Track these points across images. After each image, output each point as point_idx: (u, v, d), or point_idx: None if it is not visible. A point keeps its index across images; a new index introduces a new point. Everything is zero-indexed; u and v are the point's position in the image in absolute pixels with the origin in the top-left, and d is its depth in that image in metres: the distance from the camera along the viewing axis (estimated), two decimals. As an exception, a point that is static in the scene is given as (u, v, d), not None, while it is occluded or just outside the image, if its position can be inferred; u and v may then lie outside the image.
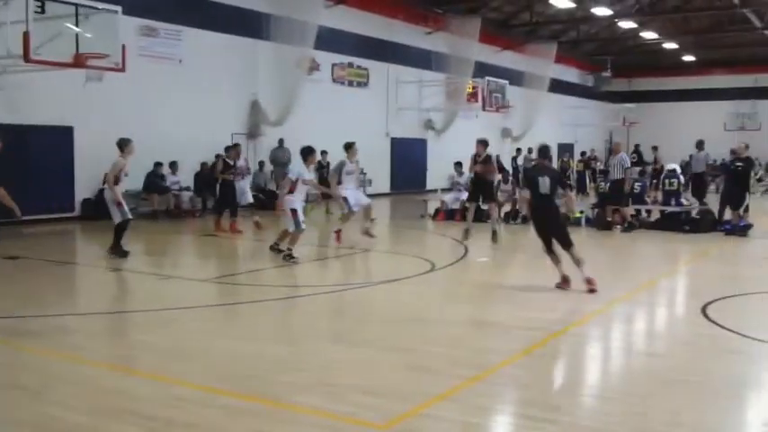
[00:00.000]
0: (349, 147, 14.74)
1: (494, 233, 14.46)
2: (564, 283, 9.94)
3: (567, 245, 9.92)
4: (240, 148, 17.00)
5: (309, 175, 12.80)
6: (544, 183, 9.93)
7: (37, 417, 5.22)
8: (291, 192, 12.40)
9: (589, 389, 6.28)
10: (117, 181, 12.35)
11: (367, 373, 6.31)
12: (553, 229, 10.06)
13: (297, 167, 12.70)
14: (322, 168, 21.16)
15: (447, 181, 20.93)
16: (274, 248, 12.84)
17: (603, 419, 5.34)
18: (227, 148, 16.64)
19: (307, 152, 12.77)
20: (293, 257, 12.16)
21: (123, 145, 12.54)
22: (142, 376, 6.20)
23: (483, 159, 14.83)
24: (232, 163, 16.03)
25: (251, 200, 16.92)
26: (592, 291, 9.60)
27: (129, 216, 12.55)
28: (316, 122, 24.02)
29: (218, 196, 16.18)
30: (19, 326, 8.02)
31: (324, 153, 21.09)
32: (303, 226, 12.44)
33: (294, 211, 12.29)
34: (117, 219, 12.38)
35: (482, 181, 14.85)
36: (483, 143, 15.21)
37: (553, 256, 10.06)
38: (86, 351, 7.01)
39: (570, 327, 8.22)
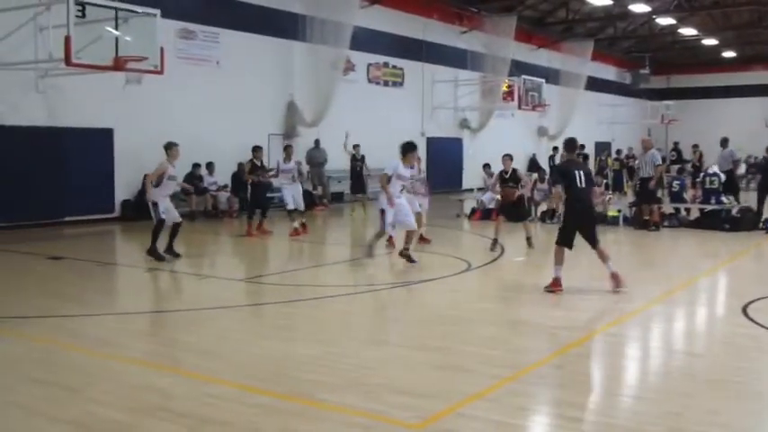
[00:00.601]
0: (406, 150, 12.22)
1: (528, 240, 14.23)
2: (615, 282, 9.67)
3: (596, 242, 9.76)
4: (261, 152, 16.53)
5: (407, 171, 12.11)
6: (580, 176, 9.73)
7: (77, 414, 5.31)
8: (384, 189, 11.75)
9: (626, 389, 6.21)
10: (158, 183, 12.23)
11: (402, 372, 6.32)
12: (588, 225, 9.85)
13: (394, 161, 12.02)
14: (356, 161, 21.17)
15: (482, 180, 20.86)
16: (404, 254, 11.93)
17: (640, 420, 5.27)
18: (254, 149, 16.36)
19: (407, 148, 12.10)
20: (411, 259, 11.76)
21: (167, 148, 12.48)
22: (178, 374, 6.28)
23: (510, 176, 14.53)
24: (259, 164, 16.04)
25: (301, 207, 16.21)
26: (617, 290, 9.47)
27: (163, 217, 12.28)
28: (351, 123, 24.04)
29: (249, 198, 16.09)
30: (61, 324, 8.17)
31: (356, 146, 21.08)
32: (389, 229, 12.09)
33: (383, 212, 11.96)
34: (154, 219, 12.36)
35: (508, 203, 14.53)
36: (509, 158, 14.73)
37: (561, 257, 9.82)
38: (124, 349, 7.11)
39: (607, 326, 8.14)
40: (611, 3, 30.64)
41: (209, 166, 19.86)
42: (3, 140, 15.93)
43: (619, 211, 18.22)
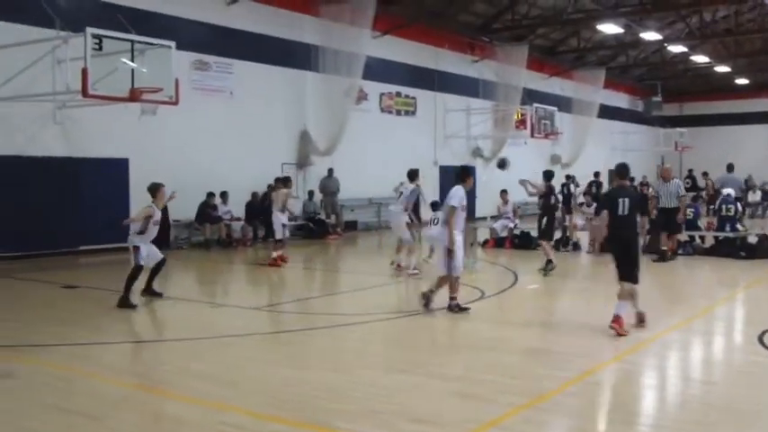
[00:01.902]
0: (467, 174, 11.02)
1: (548, 262, 14.20)
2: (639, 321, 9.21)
3: (632, 279, 9.03)
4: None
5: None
6: (623, 204, 9.29)
7: (93, 442, 5.33)
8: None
9: (642, 418, 6.17)
10: (143, 228, 11.21)
11: (416, 400, 6.30)
12: (623, 256, 9.22)
13: (459, 191, 10.32)
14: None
15: (496, 209, 20.87)
16: (426, 296, 10.38)
17: (657, 448, 5.24)
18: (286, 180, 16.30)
19: (467, 171, 10.90)
20: (461, 307, 10.18)
21: (155, 190, 11.38)
22: (193, 402, 6.28)
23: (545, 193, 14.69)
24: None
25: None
26: (641, 325, 9.32)
27: (142, 264, 11.20)
28: (364, 152, 24.24)
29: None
30: (77, 352, 8.20)
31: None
32: (459, 270, 10.19)
33: (450, 252, 10.06)
34: (132, 264, 11.25)
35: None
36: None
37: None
38: (140, 377, 7.13)
39: (624, 354, 8.09)
40: (623, 31, 30.79)
41: (224, 195, 19.97)
42: (21, 171, 16.11)
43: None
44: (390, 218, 14.98)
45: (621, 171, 9.97)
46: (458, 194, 10.17)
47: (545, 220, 14.77)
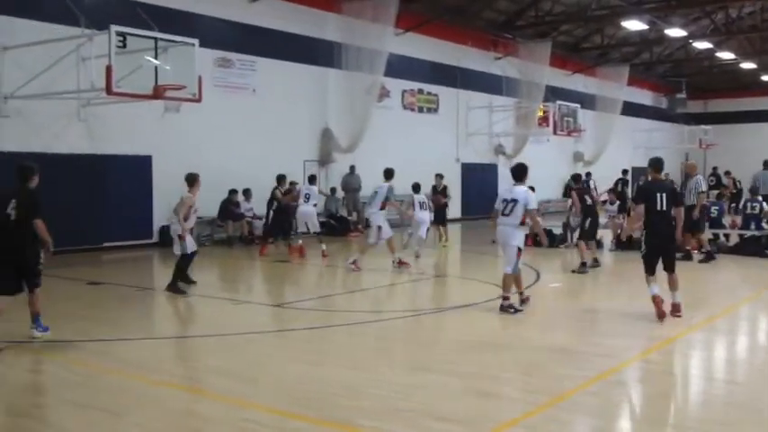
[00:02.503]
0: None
1: (582, 264, 14.18)
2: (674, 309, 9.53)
3: (671, 269, 9.54)
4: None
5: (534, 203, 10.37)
6: (661, 198, 9.42)
7: (116, 437, 5.39)
8: (524, 223, 10.23)
9: (665, 417, 6.13)
10: (186, 216, 11.74)
11: (438, 398, 6.30)
12: (665, 249, 9.54)
13: (532, 194, 10.39)
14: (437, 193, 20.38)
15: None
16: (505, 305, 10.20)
17: (680, 449, 5.21)
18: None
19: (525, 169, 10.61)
20: (513, 307, 10.12)
21: (194, 180, 11.86)
22: (215, 399, 6.33)
23: (441, 190, 14.86)
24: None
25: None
26: (676, 316, 9.41)
27: (189, 250, 11.87)
28: (386, 149, 24.21)
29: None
30: (101, 349, 8.28)
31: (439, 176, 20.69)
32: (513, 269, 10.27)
33: (519, 251, 10.19)
34: (178, 251, 11.90)
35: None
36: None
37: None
38: (163, 374, 7.18)
39: (647, 353, 8.05)
40: (647, 28, 30.54)
41: (246, 192, 20.05)
42: (46, 168, 16.16)
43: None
44: (370, 218, 15.31)
45: (657, 165, 9.98)
46: (533, 197, 10.22)
47: (588, 221, 14.79)
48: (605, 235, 18.84)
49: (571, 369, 7.35)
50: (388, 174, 15.08)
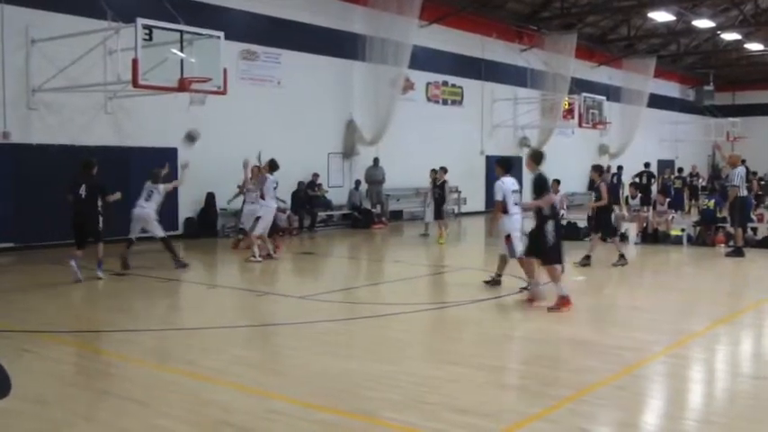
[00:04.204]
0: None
1: (621, 257, 14.06)
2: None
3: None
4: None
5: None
6: None
7: (143, 427, 5.43)
8: (505, 211, 11.05)
9: (690, 412, 6.09)
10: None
11: (461, 391, 6.30)
12: None
13: (496, 184, 11.28)
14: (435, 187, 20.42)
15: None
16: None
17: (706, 444, 5.17)
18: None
19: (505, 163, 11.68)
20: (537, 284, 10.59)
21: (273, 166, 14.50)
22: (240, 389, 6.37)
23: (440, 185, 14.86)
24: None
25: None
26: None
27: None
28: (410, 141, 24.21)
29: None
30: (126, 339, 8.37)
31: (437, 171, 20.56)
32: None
33: (507, 238, 11.02)
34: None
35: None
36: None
37: None
38: (187, 364, 7.24)
39: (671, 347, 7.99)
40: (674, 19, 30.22)
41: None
42: (74, 160, 16.39)
43: (682, 230, 17.89)
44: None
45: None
46: (495, 187, 11.25)
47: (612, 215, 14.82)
48: (630, 228, 18.71)
49: (596, 362, 7.32)
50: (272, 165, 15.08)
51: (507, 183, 11.22)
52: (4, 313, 9.67)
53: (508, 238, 10.98)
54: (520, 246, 10.92)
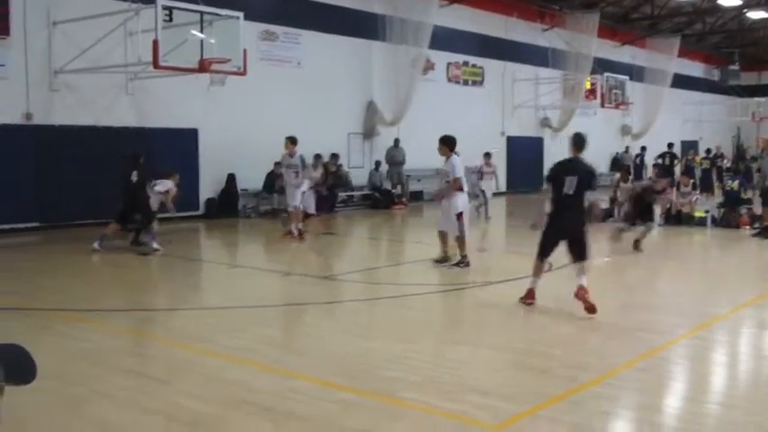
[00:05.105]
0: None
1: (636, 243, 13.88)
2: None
3: None
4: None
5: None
6: None
7: (165, 405, 5.47)
8: (460, 189, 11.38)
9: (713, 396, 6.03)
10: None
11: (480, 372, 6.28)
12: None
13: (450, 161, 11.54)
14: None
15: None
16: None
17: (728, 429, 5.13)
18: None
19: (451, 142, 11.83)
20: (463, 263, 11.33)
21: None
22: (261, 369, 6.39)
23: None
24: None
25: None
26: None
27: None
28: (431, 122, 24.04)
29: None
30: (149, 318, 8.43)
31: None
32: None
33: (458, 215, 11.30)
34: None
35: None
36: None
37: None
38: (209, 343, 7.27)
39: (695, 330, 7.92)
40: (699, -3, 29.78)
41: (277, 164, 20.10)
42: (96, 141, 16.51)
43: (706, 211, 17.70)
44: None
45: None
46: (450, 163, 11.39)
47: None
48: (654, 210, 18.53)
49: (619, 345, 7.27)
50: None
51: (459, 160, 11.47)
52: (28, 292, 9.76)
53: (461, 215, 11.15)
54: (467, 225, 11.33)
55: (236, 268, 12.19)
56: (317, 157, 18.34)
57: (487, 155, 20.09)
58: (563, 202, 8.46)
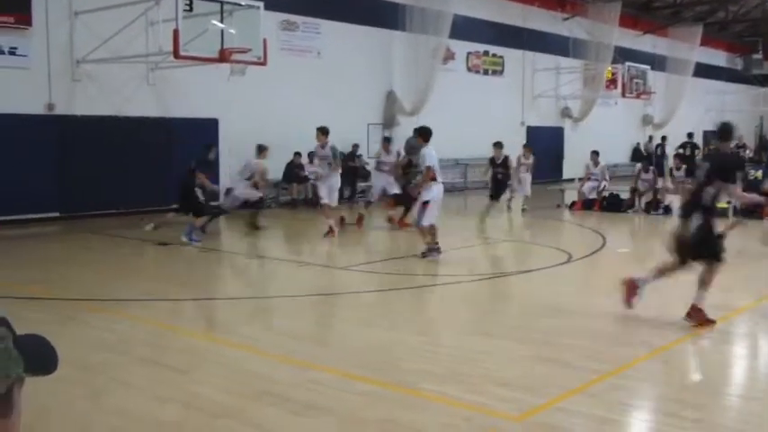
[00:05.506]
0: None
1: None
2: None
3: None
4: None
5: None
6: None
7: (184, 395, 5.50)
8: (433, 179, 11.37)
9: (734, 388, 6.00)
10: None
11: (501, 364, 6.27)
12: None
13: (424, 152, 11.62)
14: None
15: (584, 170, 20.37)
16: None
17: (749, 421, 5.09)
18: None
19: (426, 133, 11.92)
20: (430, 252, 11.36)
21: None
22: (281, 360, 6.41)
23: (501, 162, 14.64)
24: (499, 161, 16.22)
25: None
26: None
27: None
28: (451, 112, 23.99)
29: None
30: (169, 308, 8.48)
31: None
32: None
33: (424, 204, 11.36)
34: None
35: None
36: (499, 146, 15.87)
37: None
38: (229, 333, 7.32)
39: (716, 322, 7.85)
40: (723, -15, 29.44)
41: (311, 155, 20.11)
42: (117, 131, 16.61)
43: (728, 202, 17.52)
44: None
45: None
46: (423, 154, 11.49)
47: None
48: (675, 200, 18.40)
49: (638, 336, 7.23)
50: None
51: (433, 151, 11.48)
52: (50, 281, 9.85)
53: (426, 204, 11.16)
54: (433, 216, 11.25)
55: (256, 259, 12.23)
56: (387, 140, 17.69)
57: (526, 146, 20.13)
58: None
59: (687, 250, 7.50)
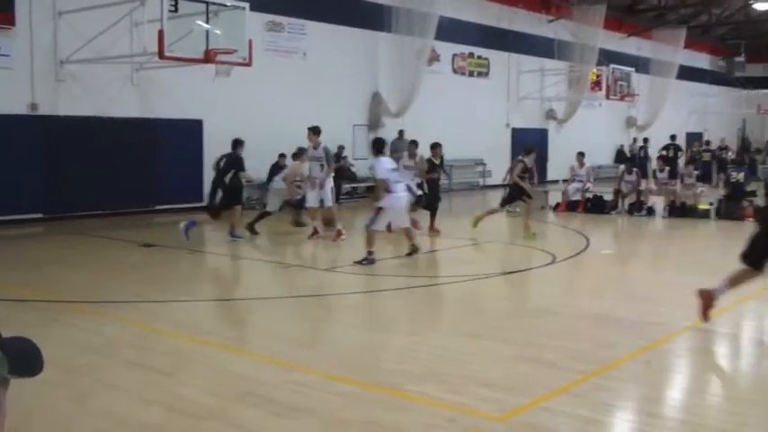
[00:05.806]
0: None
1: None
2: None
3: None
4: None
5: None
6: None
7: (168, 397, 5.49)
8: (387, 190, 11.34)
9: (717, 388, 6.05)
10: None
11: (485, 364, 6.30)
12: None
13: (375, 163, 11.73)
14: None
15: (569, 172, 20.48)
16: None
17: (732, 420, 5.13)
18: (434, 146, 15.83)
19: (379, 143, 12.05)
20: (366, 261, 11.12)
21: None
22: (265, 361, 6.42)
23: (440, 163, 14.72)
24: (438, 162, 15.82)
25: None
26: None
27: None
28: (436, 113, 24.05)
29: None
30: (153, 310, 8.45)
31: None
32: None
33: (378, 210, 11.39)
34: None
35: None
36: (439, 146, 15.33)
37: None
38: (213, 335, 7.30)
39: (698, 322, 7.91)
40: (706, -12, 29.64)
41: (296, 155, 20.08)
42: (101, 131, 16.55)
43: (710, 203, 17.68)
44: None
45: None
46: (375, 166, 11.53)
47: None
48: (658, 201, 18.54)
49: (622, 337, 7.28)
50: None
51: (384, 162, 11.52)
52: (35, 283, 9.80)
53: (379, 210, 11.22)
54: (383, 223, 11.41)
55: (239, 260, 12.21)
56: (413, 143, 16.65)
57: (581, 154, 20.15)
58: None
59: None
